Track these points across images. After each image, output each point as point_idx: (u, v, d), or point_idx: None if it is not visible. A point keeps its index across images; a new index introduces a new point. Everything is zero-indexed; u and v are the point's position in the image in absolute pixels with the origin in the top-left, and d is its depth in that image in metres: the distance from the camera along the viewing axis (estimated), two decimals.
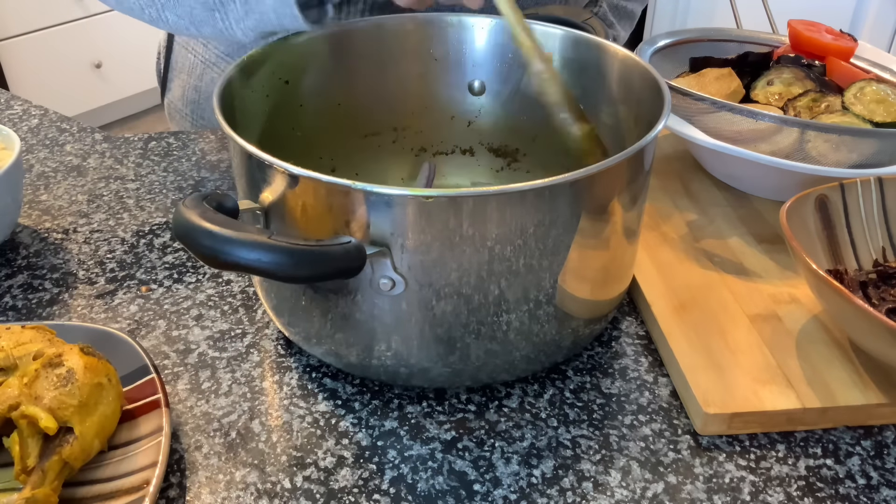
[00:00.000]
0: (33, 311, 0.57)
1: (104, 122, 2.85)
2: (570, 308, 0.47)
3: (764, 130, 0.61)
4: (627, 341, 0.55)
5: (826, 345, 0.52)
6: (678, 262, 0.59)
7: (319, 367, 0.52)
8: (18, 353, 0.43)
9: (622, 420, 0.48)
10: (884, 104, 0.64)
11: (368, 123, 0.64)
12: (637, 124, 0.55)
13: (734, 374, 0.49)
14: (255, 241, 0.38)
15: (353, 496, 0.43)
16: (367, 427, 0.48)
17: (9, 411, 0.41)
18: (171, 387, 0.50)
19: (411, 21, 0.62)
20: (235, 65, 0.53)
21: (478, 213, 0.41)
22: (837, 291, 0.45)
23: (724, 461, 0.46)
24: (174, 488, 0.44)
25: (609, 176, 0.44)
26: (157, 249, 0.64)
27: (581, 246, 0.45)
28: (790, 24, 0.75)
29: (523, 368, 0.49)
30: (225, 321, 0.56)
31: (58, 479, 0.40)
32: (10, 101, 0.90)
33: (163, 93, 0.99)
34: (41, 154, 0.79)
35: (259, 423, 0.48)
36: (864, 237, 0.57)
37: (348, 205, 0.41)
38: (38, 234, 0.66)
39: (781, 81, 0.69)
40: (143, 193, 0.72)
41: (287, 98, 0.59)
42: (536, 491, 0.44)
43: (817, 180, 0.59)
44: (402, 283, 0.43)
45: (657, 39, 0.77)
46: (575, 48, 0.59)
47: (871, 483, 0.45)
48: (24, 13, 2.48)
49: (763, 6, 0.89)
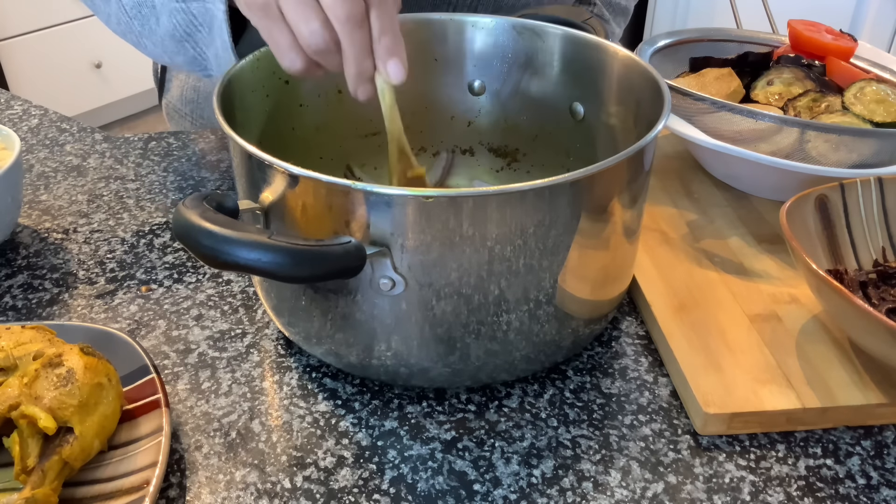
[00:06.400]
0: (33, 311, 0.57)
1: (104, 122, 2.86)
2: (570, 308, 0.47)
3: (764, 130, 0.61)
4: (627, 341, 0.55)
5: (826, 345, 0.52)
6: (678, 262, 0.59)
7: (319, 367, 0.52)
8: (18, 353, 0.43)
9: (622, 420, 0.48)
10: (884, 104, 0.64)
11: (368, 123, 0.64)
12: (637, 124, 0.55)
13: (734, 374, 0.49)
14: (254, 241, 0.38)
15: (353, 496, 0.43)
16: (367, 427, 0.48)
17: (9, 411, 0.41)
18: (171, 387, 0.50)
19: (411, 21, 0.62)
20: (235, 65, 0.53)
21: (478, 213, 0.41)
22: (837, 291, 0.45)
23: (724, 461, 0.46)
24: (174, 488, 0.44)
25: (609, 176, 0.44)
26: (157, 249, 0.64)
27: (581, 246, 0.45)
28: (790, 24, 0.75)
29: (523, 368, 0.49)
30: (225, 321, 0.56)
31: (58, 479, 0.40)
32: (10, 101, 0.90)
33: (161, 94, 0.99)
34: (41, 154, 0.79)
35: (259, 423, 0.48)
36: (864, 237, 0.57)
37: (348, 205, 0.41)
38: (38, 234, 0.66)
39: (781, 81, 0.69)
40: (143, 193, 0.72)
41: (287, 98, 0.59)
42: (536, 491, 0.44)
43: (817, 180, 0.59)
44: (402, 283, 0.43)
45: (657, 39, 0.77)
46: (575, 48, 0.59)
47: (871, 483, 0.45)
48: (24, 13, 2.48)
49: (763, 6, 0.89)
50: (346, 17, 0.45)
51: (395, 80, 0.48)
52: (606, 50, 0.57)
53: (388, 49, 0.47)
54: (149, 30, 0.64)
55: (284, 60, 0.49)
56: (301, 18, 0.46)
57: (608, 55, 0.57)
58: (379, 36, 0.47)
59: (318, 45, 0.47)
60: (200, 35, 0.60)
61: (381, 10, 0.46)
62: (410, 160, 0.54)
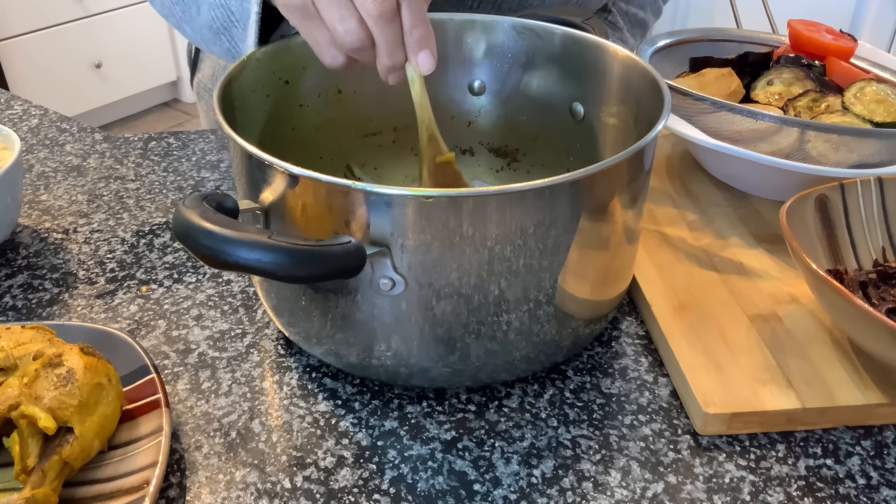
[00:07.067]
0: (33, 311, 0.57)
1: (104, 122, 2.86)
2: (570, 308, 0.47)
3: (764, 130, 0.61)
4: (627, 341, 0.55)
5: (826, 345, 0.52)
6: (678, 262, 0.59)
7: (319, 367, 0.52)
8: (18, 353, 0.43)
9: (622, 420, 0.48)
10: (884, 104, 0.64)
11: (368, 123, 0.64)
12: (637, 124, 0.55)
13: (734, 373, 0.49)
14: (254, 241, 0.38)
15: (353, 496, 0.43)
16: (367, 427, 0.48)
17: (9, 411, 0.41)
18: (171, 387, 0.50)
19: None
20: (236, 65, 0.53)
21: (478, 213, 0.41)
22: (837, 291, 0.45)
23: (724, 461, 0.46)
24: (174, 488, 0.44)
25: (609, 176, 0.44)
26: (157, 249, 0.64)
27: (581, 246, 0.45)
28: (790, 24, 0.75)
29: (523, 368, 0.49)
30: (225, 321, 0.56)
31: (58, 479, 0.40)
32: (10, 101, 0.90)
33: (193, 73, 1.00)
34: (41, 154, 0.79)
35: (259, 423, 0.48)
36: (864, 237, 0.57)
37: (348, 205, 0.41)
38: (38, 234, 0.66)
39: (781, 81, 0.69)
40: (143, 193, 0.72)
41: (287, 98, 0.59)
42: (536, 491, 0.44)
43: (817, 180, 0.59)
44: (402, 283, 0.43)
45: (657, 39, 0.77)
46: (575, 48, 0.59)
47: (871, 483, 0.45)
48: (24, 13, 2.48)
49: (763, 6, 0.89)
50: (378, 14, 0.47)
51: (426, 71, 0.51)
52: (606, 50, 0.57)
53: (418, 41, 0.49)
54: (189, 17, 0.66)
55: (326, 58, 0.52)
56: (336, 18, 0.48)
57: (608, 55, 0.57)
58: (410, 29, 0.49)
59: (354, 42, 0.49)
60: (236, 30, 0.61)
61: (410, 4, 0.48)
62: (440, 145, 0.56)
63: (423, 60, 0.50)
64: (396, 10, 0.48)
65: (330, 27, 0.49)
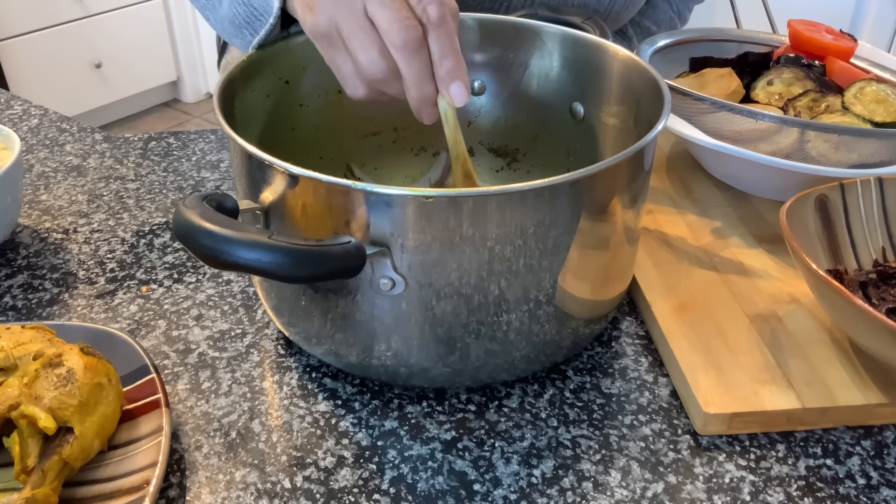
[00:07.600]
0: (33, 311, 0.57)
1: (104, 122, 2.85)
2: (570, 308, 0.47)
3: (764, 130, 0.61)
4: (627, 341, 0.55)
5: (826, 345, 0.52)
6: (678, 262, 0.59)
7: (319, 367, 0.52)
8: (18, 353, 0.43)
9: (622, 420, 0.48)
10: (884, 104, 0.64)
11: (368, 123, 0.64)
12: (637, 124, 0.55)
13: (734, 373, 0.49)
14: (254, 241, 0.38)
15: (353, 496, 0.43)
16: (367, 427, 0.48)
17: (9, 411, 0.41)
18: (171, 387, 0.50)
19: None
20: (236, 65, 0.53)
21: (478, 213, 0.41)
22: (837, 291, 0.45)
23: (724, 461, 0.46)
24: (174, 488, 0.44)
25: (609, 176, 0.44)
26: (157, 249, 0.64)
27: (581, 246, 0.45)
28: (790, 24, 0.75)
29: (523, 368, 0.49)
30: (225, 321, 0.56)
31: (58, 479, 0.40)
32: (10, 101, 0.90)
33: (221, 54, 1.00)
34: (41, 154, 0.79)
35: (259, 423, 0.48)
36: (864, 237, 0.57)
37: (348, 205, 0.41)
38: (38, 234, 0.66)
39: (781, 81, 0.69)
40: (143, 193, 0.72)
41: (287, 98, 0.59)
42: (536, 491, 0.44)
43: (817, 180, 0.59)
44: (402, 283, 0.43)
45: (657, 39, 0.77)
46: (575, 48, 0.59)
47: (871, 483, 0.45)
48: (24, 13, 2.48)
49: (763, 6, 0.89)
50: (402, 44, 0.45)
51: (459, 103, 0.47)
52: (606, 50, 0.57)
53: (449, 72, 0.46)
54: (211, 7, 0.65)
55: (348, 87, 0.49)
56: (359, 47, 0.46)
57: (608, 55, 0.57)
58: (440, 59, 0.46)
59: (376, 74, 0.47)
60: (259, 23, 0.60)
61: (439, 33, 0.46)
62: (475, 182, 0.53)
63: (456, 92, 0.47)
64: (423, 39, 0.45)
65: (353, 56, 0.47)
